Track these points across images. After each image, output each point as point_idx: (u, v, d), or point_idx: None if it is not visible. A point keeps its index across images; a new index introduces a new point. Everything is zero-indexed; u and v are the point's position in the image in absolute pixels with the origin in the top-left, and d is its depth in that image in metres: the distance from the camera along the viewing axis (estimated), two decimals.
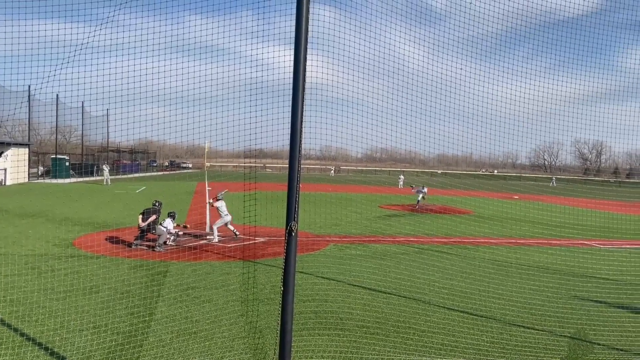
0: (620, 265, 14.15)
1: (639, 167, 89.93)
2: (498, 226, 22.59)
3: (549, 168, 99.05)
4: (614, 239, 19.34)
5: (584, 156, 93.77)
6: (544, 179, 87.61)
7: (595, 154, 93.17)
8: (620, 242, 18.93)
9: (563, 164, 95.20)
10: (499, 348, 7.56)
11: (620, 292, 11.12)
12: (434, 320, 8.77)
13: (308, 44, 4.46)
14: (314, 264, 13.02)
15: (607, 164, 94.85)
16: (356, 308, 9.31)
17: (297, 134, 4.41)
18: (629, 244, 18.68)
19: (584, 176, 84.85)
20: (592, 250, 17.23)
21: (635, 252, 17.07)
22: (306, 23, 4.42)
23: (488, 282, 11.72)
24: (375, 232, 19.42)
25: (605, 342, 7.99)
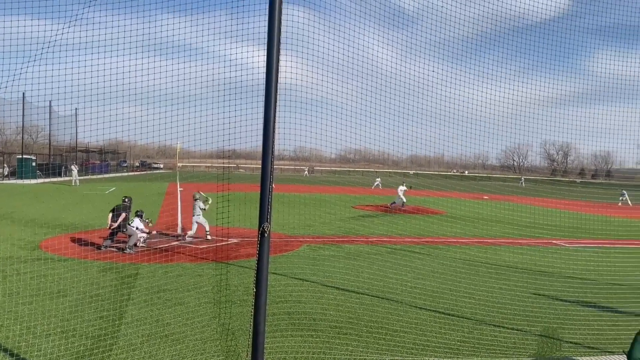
0: (586, 264, 14.55)
1: (604, 168, 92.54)
2: (469, 226, 22.95)
3: (518, 169, 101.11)
4: (580, 239, 19.87)
5: (552, 157, 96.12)
6: (513, 179, 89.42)
7: (562, 155, 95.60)
8: (586, 241, 19.45)
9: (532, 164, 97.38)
10: (469, 346, 7.68)
11: (586, 290, 11.42)
12: (406, 319, 8.85)
13: (281, 44, 4.45)
14: (287, 265, 12.99)
15: (573, 165, 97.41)
16: (329, 308, 9.32)
17: (270, 134, 4.40)
18: (595, 243, 19.21)
19: (552, 177, 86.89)
20: (559, 250, 17.67)
21: (600, 251, 17.56)
22: (279, 23, 4.41)
23: (459, 281, 11.90)
24: (348, 233, 19.50)
25: (572, 340, 8.20)
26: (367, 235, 18.89)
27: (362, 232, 19.91)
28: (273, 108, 4.44)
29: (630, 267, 13.88)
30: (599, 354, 7.46)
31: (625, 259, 15.65)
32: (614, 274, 13.35)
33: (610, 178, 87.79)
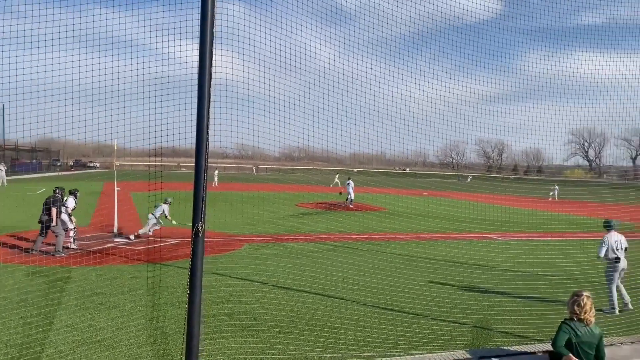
0: (517, 257, 15.23)
1: (536, 164, 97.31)
2: (408, 222, 23.48)
3: (456, 166, 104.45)
4: (512, 232, 20.79)
5: (487, 154, 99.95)
6: (452, 176, 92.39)
7: (497, 152, 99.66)
8: (517, 234, 20.38)
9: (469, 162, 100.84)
10: (407, 340, 7.83)
11: (518, 282, 11.96)
12: (347, 316, 8.93)
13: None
14: (228, 264, 12.79)
15: (507, 161, 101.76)
16: (271, 308, 9.25)
17: (204, 131, 4.28)
18: (526, 236, 20.16)
19: (487, 173, 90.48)
20: (492, 243, 18.42)
21: (531, 243, 18.45)
22: (212, 17, 4.30)
23: (398, 276, 12.14)
24: (291, 231, 19.46)
25: (504, 329, 8.53)
26: (310, 233, 18.93)
27: (305, 230, 19.94)
28: (206, 105, 4.32)
29: (557, 258, 14.65)
30: (528, 342, 7.81)
31: (553, 251, 16.52)
32: (543, 265, 14.06)
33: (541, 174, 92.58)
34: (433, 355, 5.98)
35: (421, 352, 7.29)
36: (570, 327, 5.13)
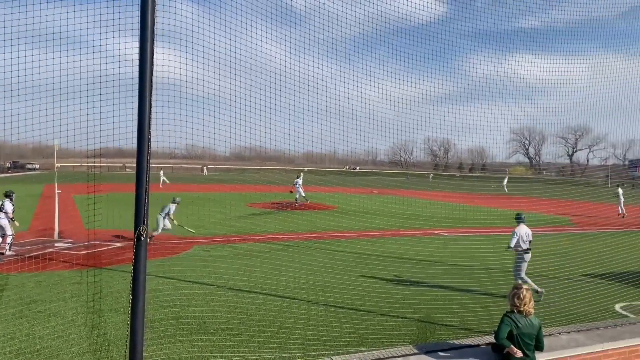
0: (463, 252, 15.72)
1: (480, 162, 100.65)
2: (358, 220, 23.74)
3: (404, 164, 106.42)
4: (457, 228, 21.41)
5: (434, 153, 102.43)
6: (401, 174, 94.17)
7: (443, 151, 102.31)
8: (463, 230, 21.01)
9: (417, 160, 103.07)
10: (357, 337, 7.93)
11: (463, 276, 12.34)
12: (298, 315, 8.93)
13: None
14: (176, 267, 12.53)
15: (453, 159, 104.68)
16: (220, 310, 9.13)
17: (145, 131, 4.17)
18: (470, 231, 20.82)
19: (435, 171, 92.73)
20: (439, 239, 18.91)
21: (475, 239, 19.07)
22: (152, 14, 4.20)
23: (349, 274, 12.26)
24: (241, 232, 19.24)
25: (450, 323, 8.79)
26: (260, 233, 18.80)
27: (255, 230, 19.78)
28: (148, 104, 4.21)
29: (499, 252, 15.20)
30: (472, 335, 8.06)
31: (496, 245, 17.12)
32: (486, 260, 14.53)
33: (485, 171, 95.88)
34: (382, 351, 6.08)
35: (370, 348, 7.39)
36: (511, 319, 5.33)
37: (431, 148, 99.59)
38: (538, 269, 12.84)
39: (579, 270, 13.22)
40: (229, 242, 16.76)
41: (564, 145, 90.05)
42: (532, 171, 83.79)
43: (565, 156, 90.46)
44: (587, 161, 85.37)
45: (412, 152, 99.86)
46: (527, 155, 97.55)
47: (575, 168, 70.40)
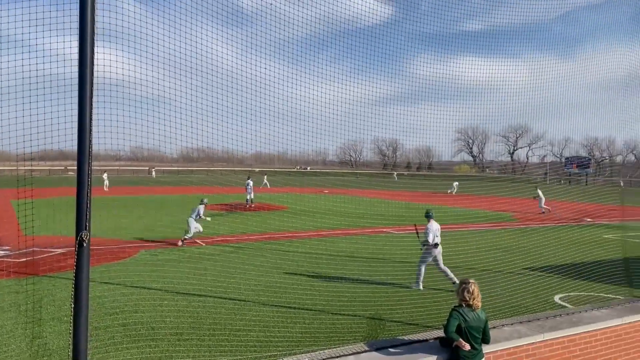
0: (411, 249, 16.00)
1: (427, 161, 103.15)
2: (309, 220, 23.79)
3: (354, 164, 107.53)
4: (405, 225, 21.82)
5: (383, 153, 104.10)
6: (351, 174, 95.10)
7: (391, 151, 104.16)
8: (410, 227, 21.40)
9: (366, 160, 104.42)
10: (309, 337, 7.94)
11: (413, 272, 12.57)
12: (249, 317, 8.86)
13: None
14: (123, 272, 12.12)
15: (401, 159, 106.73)
16: (169, 315, 8.92)
17: (86, 133, 4.02)
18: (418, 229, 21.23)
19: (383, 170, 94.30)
20: (388, 237, 19.24)
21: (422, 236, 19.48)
22: (92, 12, 4.06)
23: (300, 274, 12.28)
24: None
25: (399, 319, 8.95)
26: (211, 236, 18.50)
27: (206, 232, 19.43)
28: (88, 105, 4.06)
29: (448, 248, 15.63)
30: (421, 330, 8.25)
31: (446, 242, 17.58)
32: None
33: (432, 170, 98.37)
34: (333, 350, 6.12)
35: (322, 347, 7.42)
36: (459, 313, 5.47)
37: (380, 148, 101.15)
38: (482, 263, 13.31)
39: (520, 263, 13.81)
40: (178, 245, 16.39)
41: (506, 144, 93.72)
42: (476, 169, 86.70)
43: (506, 154, 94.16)
44: (527, 159, 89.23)
45: (362, 152, 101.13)
46: (471, 154, 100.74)
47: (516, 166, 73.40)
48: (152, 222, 22.23)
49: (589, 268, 12.33)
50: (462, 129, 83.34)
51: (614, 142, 68.65)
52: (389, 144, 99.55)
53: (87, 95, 4.03)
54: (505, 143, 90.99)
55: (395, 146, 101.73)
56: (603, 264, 12.55)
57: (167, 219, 23.29)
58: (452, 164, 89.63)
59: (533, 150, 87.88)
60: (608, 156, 73.52)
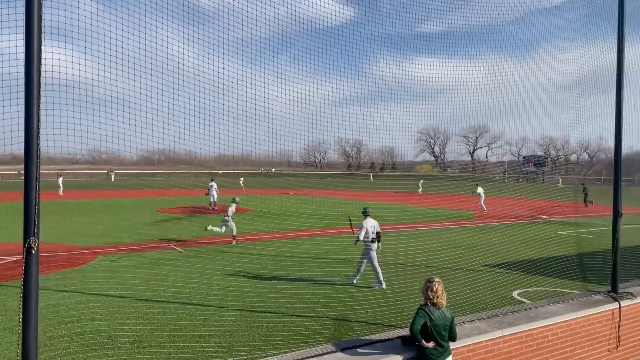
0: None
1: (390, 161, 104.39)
2: (274, 221, 23.65)
3: (319, 165, 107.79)
4: None
5: (347, 153, 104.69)
6: (315, 175, 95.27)
7: (355, 151, 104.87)
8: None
9: (330, 160, 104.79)
10: (272, 340, 7.87)
11: (371, 273, 12.66)
12: (211, 322, 8.71)
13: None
14: (79, 280, 11.74)
15: (365, 159, 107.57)
16: (128, 323, 8.68)
17: (33, 135, 3.84)
18: (382, 228, 21.41)
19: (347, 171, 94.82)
20: (352, 237, 19.28)
21: (387, 235, 19.67)
22: (39, 9, 3.89)
23: (264, 276, 12.18)
24: (151, 239, 18.44)
25: (363, 319, 8.99)
26: (172, 240, 18.15)
27: (167, 236, 19.06)
28: (35, 106, 3.88)
29: (409, 247, 15.83)
30: (384, 329, 8.31)
31: (407, 241, 17.81)
32: (398, 256, 15.06)
33: (395, 170, 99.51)
34: (296, 352, 6.08)
35: (286, 350, 7.37)
36: (425, 312, 5.49)
37: (344, 149, 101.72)
38: (443, 261, 13.54)
39: (480, 261, 14.11)
40: (137, 250, 16.01)
41: (466, 144, 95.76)
42: (437, 169, 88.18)
43: (467, 154, 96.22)
44: (487, 158, 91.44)
45: (326, 152, 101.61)
46: (432, 154, 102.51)
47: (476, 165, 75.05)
48: (111, 226, 21.63)
49: (545, 264, 12.72)
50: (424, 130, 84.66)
51: (568, 142, 71.15)
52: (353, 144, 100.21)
53: (35, 96, 3.86)
54: (465, 143, 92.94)
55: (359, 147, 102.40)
56: (559, 259, 12.97)
57: (126, 224, 22.73)
58: (415, 164, 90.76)
59: (492, 150, 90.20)
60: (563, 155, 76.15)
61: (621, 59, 8.33)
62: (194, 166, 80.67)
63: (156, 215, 27.26)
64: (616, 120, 8.39)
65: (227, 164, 78.54)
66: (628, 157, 63.05)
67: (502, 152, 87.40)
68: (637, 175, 65.12)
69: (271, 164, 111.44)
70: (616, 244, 8.26)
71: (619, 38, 8.36)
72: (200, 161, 52.23)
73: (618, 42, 8.40)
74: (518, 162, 67.35)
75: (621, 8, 8.35)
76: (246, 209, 30.93)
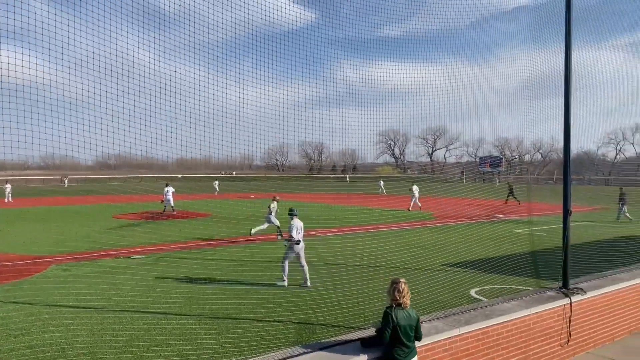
0: (337, 250, 16.18)
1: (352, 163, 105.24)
2: (234, 226, 23.41)
3: (281, 167, 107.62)
4: (332, 228, 22.09)
5: (309, 156, 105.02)
6: (277, 177, 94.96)
7: (317, 154, 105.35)
8: (336, 229, 21.72)
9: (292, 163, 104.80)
10: (233, 347, 7.77)
11: (337, 274, 12.72)
12: (170, 330, 8.52)
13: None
14: (31, 290, 11.28)
15: (327, 161, 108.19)
16: (82, 334, 8.39)
17: None
18: (343, 230, 21.60)
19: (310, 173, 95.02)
20: (315, 239, 19.32)
21: (347, 237, 19.82)
22: None
23: (224, 282, 12.02)
24: (107, 246, 17.90)
25: (325, 322, 8.98)
26: (129, 247, 17.67)
27: (124, 243, 18.55)
28: None
29: (371, 248, 15.97)
30: (346, 331, 8.33)
31: (369, 242, 17.97)
32: (359, 257, 15.17)
33: (356, 172, 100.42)
34: (258, 358, 6.01)
35: (246, 356, 7.28)
36: (391, 313, 5.51)
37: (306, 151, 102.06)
38: (402, 261, 13.71)
39: (438, 260, 14.36)
40: (93, 258, 15.51)
41: (425, 145, 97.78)
42: (398, 170, 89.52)
43: (426, 155, 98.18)
44: (445, 159, 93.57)
45: (288, 155, 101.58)
46: (393, 156, 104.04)
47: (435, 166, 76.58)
48: (64, 234, 20.90)
49: (501, 262, 13.07)
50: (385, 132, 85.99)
51: (522, 142, 73.64)
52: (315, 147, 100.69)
53: None
54: (424, 144, 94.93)
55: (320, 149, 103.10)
56: (514, 257, 13.33)
57: (80, 231, 22.02)
58: (376, 165, 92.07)
59: (450, 151, 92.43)
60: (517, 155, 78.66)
61: (569, 63, 8.65)
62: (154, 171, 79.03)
63: (113, 221, 26.51)
64: (565, 122, 8.69)
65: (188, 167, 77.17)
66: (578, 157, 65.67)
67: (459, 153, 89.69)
68: (586, 174, 67.95)
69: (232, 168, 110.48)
70: (566, 241, 8.55)
71: (567, 43, 8.68)
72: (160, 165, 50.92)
73: (565, 46, 8.72)
74: (475, 162, 69.04)
75: (568, 13, 8.67)
76: (206, 213, 30.52)
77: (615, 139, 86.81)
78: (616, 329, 9.12)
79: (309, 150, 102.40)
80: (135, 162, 45.53)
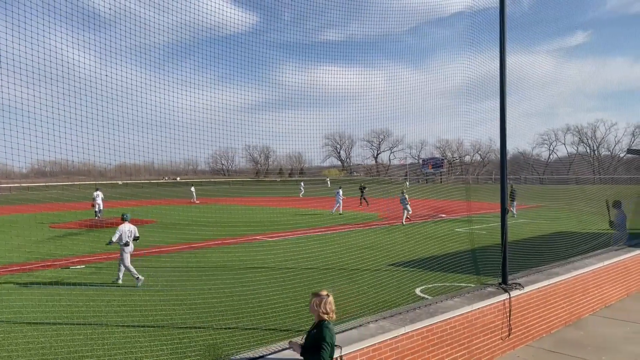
0: (284, 255, 16.17)
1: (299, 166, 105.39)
2: (180, 232, 22.87)
3: (226, 172, 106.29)
4: (278, 231, 22.03)
5: (255, 160, 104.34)
6: (223, 182, 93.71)
7: (264, 157, 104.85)
8: (283, 233, 21.68)
9: (239, 167, 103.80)
10: (178, 355, 7.60)
11: (285, 278, 12.67)
12: (111, 342, 8.22)
13: None
14: None
15: (273, 165, 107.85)
16: (17, 349, 7.96)
17: None
18: (290, 234, 21.58)
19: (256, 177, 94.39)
20: (262, 244, 19.22)
21: (296, 240, 19.82)
22: None
23: (169, 290, 11.73)
24: (44, 257, 17.03)
25: (274, 326, 8.93)
26: (68, 257, 16.91)
27: (62, 253, 17.72)
28: None
29: (318, 251, 16.06)
30: (294, 335, 8.33)
31: (318, 245, 18.06)
32: (307, 260, 15.21)
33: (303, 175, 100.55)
34: None
35: None
36: (330, 328, 5.08)
37: (252, 155, 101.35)
38: (350, 262, 13.86)
39: (385, 260, 14.63)
40: (27, 270, 14.73)
41: (370, 148, 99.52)
42: (344, 173, 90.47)
43: (371, 157, 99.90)
44: (389, 161, 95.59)
45: (234, 159, 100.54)
46: (339, 159, 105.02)
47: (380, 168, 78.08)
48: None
49: (444, 260, 13.45)
50: (330, 135, 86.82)
51: (462, 144, 76.22)
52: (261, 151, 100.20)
53: None
54: (369, 147, 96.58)
55: (267, 153, 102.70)
56: (456, 255, 13.78)
57: (14, 241, 20.85)
58: (322, 168, 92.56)
59: (394, 153, 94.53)
60: (458, 156, 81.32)
61: (503, 67, 9.05)
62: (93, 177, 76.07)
63: (50, 231, 25.26)
64: (501, 124, 9.08)
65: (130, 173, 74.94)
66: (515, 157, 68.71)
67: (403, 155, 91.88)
68: (522, 173, 71.20)
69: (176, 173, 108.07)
70: (504, 238, 8.93)
71: (501, 48, 9.08)
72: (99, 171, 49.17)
73: (500, 51, 9.12)
74: (418, 164, 70.87)
75: (502, 20, 9.07)
76: (150, 220, 29.66)
77: (549, 139, 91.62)
78: (553, 321, 9.60)
79: (255, 154, 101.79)
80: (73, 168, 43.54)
